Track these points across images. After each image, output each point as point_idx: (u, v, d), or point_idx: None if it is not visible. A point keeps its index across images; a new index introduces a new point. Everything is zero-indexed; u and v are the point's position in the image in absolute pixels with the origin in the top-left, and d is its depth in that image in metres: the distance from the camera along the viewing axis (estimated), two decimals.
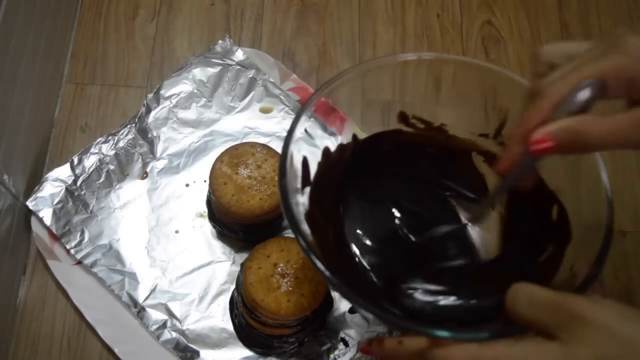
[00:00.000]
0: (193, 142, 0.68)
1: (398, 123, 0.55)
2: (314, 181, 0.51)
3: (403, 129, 0.56)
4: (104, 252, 0.62)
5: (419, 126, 0.55)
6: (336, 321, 0.61)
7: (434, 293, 0.49)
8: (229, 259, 0.63)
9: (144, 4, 0.77)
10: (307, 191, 0.50)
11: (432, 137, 0.55)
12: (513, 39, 0.78)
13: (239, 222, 0.60)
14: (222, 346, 0.59)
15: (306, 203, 0.49)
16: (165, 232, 0.64)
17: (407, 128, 0.55)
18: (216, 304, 0.61)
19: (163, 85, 0.70)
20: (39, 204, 0.63)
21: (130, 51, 0.74)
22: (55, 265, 0.62)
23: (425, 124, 0.55)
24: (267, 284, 0.53)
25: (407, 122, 0.55)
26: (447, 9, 0.79)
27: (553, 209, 0.48)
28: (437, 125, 0.55)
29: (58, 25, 0.71)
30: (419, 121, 0.55)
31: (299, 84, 0.72)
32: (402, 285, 0.49)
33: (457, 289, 0.49)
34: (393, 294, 0.49)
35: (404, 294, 0.49)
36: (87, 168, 0.65)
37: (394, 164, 0.56)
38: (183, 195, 0.66)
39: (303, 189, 0.50)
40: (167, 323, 0.60)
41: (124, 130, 0.68)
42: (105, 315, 0.60)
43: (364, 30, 0.77)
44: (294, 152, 0.48)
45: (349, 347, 0.60)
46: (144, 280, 0.61)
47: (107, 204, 0.64)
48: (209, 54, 0.72)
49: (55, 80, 0.71)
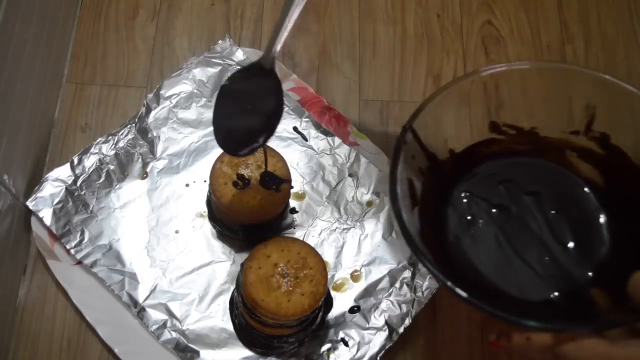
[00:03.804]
0: (193, 142, 0.68)
1: (490, 132, 0.57)
2: (420, 200, 0.53)
3: (496, 138, 0.58)
4: (104, 252, 0.62)
5: (511, 132, 0.57)
6: (336, 321, 0.61)
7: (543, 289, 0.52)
8: (229, 259, 0.63)
9: (144, 4, 0.77)
10: (416, 211, 0.52)
11: (525, 141, 0.57)
12: (513, 39, 0.78)
13: (239, 222, 0.61)
14: (222, 346, 0.59)
15: (417, 222, 0.51)
16: (165, 232, 0.64)
17: (500, 136, 0.57)
18: (216, 304, 0.61)
19: (163, 85, 0.70)
20: (39, 204, 0.63)
21: (130, 51, 0.74)
22: (55, 265, 0.62)
23: (516, 129, 0.57)
24: (267, 284, 0.53)
25: (499, 131, 0.57)
26: (447, 9, 0.79)
27: None
28: (529, 129, 0.57)
29: (58, 25, 0.71)
30: (510, 128, 0.57)
31: (299, 84, 0.72)
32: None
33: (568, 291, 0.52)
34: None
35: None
36: (87, 168, 0.65)
37: (493, 175, 0.58)
38: (183, 195, 0.66)
39: (413, 209, 0.52)
40: (167, 323, 0.60)
41: (124, 130, 0.68)
42: (105, 315, 0.60)
43: (364, 30, 0.77)
44: (400, 174, 0.50)
45: (348, 347, 0.60)
46: (144, 280, 0.61)
47: (107, 204, 0.64)
48: (209, 54, 0.72)
49: (55, 80, 0.71)
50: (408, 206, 0.51)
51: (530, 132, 0.57)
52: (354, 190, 0.67)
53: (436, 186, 0.55)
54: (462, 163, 0.58)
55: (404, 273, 0.63)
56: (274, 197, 0.58)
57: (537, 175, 0.58)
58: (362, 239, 0.65)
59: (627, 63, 0.76)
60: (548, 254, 0.54)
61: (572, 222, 0.55)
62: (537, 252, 0.54)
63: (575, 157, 0.57)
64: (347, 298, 0.62)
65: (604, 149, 0.55)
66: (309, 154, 0.68)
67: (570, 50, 0.77)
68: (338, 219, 0.66)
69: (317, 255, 0.55)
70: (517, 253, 0.54)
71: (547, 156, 0.58)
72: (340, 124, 0.70)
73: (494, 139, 0.58)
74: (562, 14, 0.79)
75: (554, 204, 0.56)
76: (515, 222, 0.55)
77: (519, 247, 0.54)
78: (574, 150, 0.57)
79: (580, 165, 0.57)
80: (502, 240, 0.55)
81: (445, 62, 0.76)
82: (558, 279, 0.53)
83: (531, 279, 0.53)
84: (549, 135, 0.57)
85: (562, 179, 0.57)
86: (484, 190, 0.57)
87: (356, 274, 0.63)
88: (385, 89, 0.74)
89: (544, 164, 0.58)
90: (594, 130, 0.55)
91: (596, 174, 0.56)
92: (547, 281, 0.53)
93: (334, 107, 0.71)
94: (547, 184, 0.57)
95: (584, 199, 0.56)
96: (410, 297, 0.61)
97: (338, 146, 0.69)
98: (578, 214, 0.56)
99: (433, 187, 0.55)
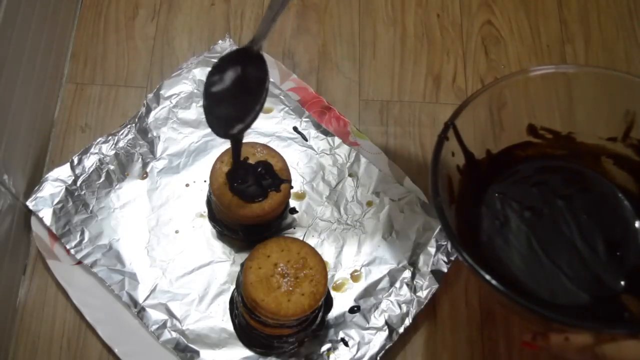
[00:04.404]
0: (193, 142, 0.68)
1: (527, 135, 0.58)
2: (457, 198, 0.53)
3: (532, 141, 0.58)
4: (104, 252, 0.62)
5: (548, 137, 0.58)
6: (336, 321, 0.61)
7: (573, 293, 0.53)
8: (229, 259, 0.63)
9: (144, 4, 0.77)
10: (453, 208, 0.53)
11: (561, 145, 0.58)
12: (513, 39, 0.78)
13: (239, 222, 0.60)
14: (222, 346, 0.59)
15: (454, 219, 0.52)
16: (165, 232, 0.64)
17: (537, 139, 0.58)
18: (216, 304, 0.61)
19: (163, 85, 0.70)
20: (39, 204, 0.63)
21: (130, 51, 0.74)
22: (55, 265, 0.62)
23: (553, 133, 0.57)
24: (267, 284, 0.53)
25: (535, 134, 0.58)
26: (447, 9, 0.79)
27: None
28: (565, 134, 0.57)
29: (58, 25, 0.71)
30: (547, 132, 0.57)
31: (299, 84, 0.72)
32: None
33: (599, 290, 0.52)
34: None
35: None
36: (87, 168, 0.65)
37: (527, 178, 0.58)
38: (183, 195, 0.66)
39: (450, 206, 0.52)
40: (167, 323, 0.60)
41: (124, 130, 0.68)
42: (105, 315, 0.60)
43: (364, 30, 0.77)
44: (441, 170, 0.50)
45: (349, 347, 0.60)
46: (144, 280, 0.61)
47: (107, 204, 0.64)
48: (209, 54, 0.72)
49: (55, 80, 0.71)
50: (447, 202, 0.51)
51: (566, 137, 0.57)
52: (354, 190, 0.67)
53: (472, 185, 0.56)
54: (498, 164, 0.58)
55: (404, 273, 0.63)
56: (275, 197, 0.58)
57: (571, 179, 0.58)
58: (362, 239, 0.65)
59: (627, 63, 0.76)
60: (579, 258, 0.54)
61: (605, 227, 0.55)
62: (568, 256, 0.54)
63: (610, 163, 0.57)
64: (347, 298, 0.62)
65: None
66: (309, 154, 0.68)
67: (570, 50, 0.77)
68: (338, 219, 0.66)
69: (317, 255, 0.55)
70: (549, 256, 0.54)
71: (582, 162, 0.58)
72: (340, 124, 0.70)
73: (531, 142, 0.58)
74: (562, 14, 0.79)
75: (586, 208, 0.56)
76: (548, 225, 0.56)
77: (550, 250, 0.55)
78: (610, 157, 0.57)
79: (616, 172, 0.57)
80: (534, 242, 0.55)
81: (445, 62, 0.76)
82: (589, 284, 0.53)
83: (562, 282, 0.53)
84: (585, 140, 0.57)
85: (596, 184, 0.58)
86: (518, 192, 0.57)
87: (356, 274, 0.63)
88: (385, 89, 0.74)
89: (578, 169, 0.58)
90: (632, 137, 0.55)
91: (631, 181, 0.56)
92: (578, 285, 0.53)
93: (334, 107, 0.71)
94: (581, 188, 0.57)
95: (617, 206, 0.56)
96: (410, 297, 0.61)
97: (338, 146, 0.69)
98: (611, 220, 0.56)
99: (469, 186, 0.55)
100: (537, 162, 0.59)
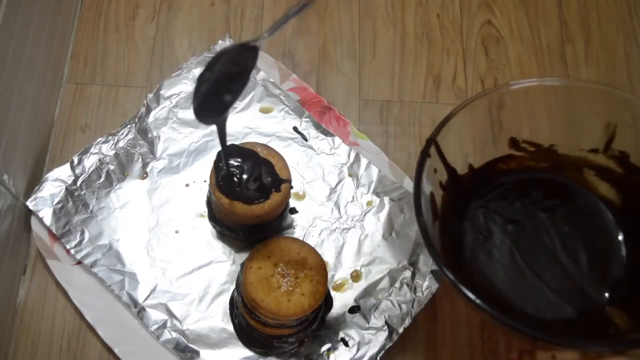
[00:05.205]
0: (193, 142, 0.68)
1: (509, 148, 0.58)
2: (441, 214, 0.53)
3: (515, 154, 0.58)
4: (104, 252, 0.62)
5: (530, 149, 0.58)
6: (336, 321, 0.61)
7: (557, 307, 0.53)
8: (229, 259, 0.63)
9: (144, 4, 0.77)
10: (436, 225, 0.53)
11: (544, 158, 0.58)
12: (513, 39, 0.78)
13: (239, 222, 0.60)
14: (222, 346, 0.59)
15: (437, 236, 0.51)
16: (165, 232, 0.64)
17: (519, 152, 0.58)
18: (216, 304, 0.61)
19: (163, 85, 0.70)
20: (39, 204, 0.63)
21: (130, 51, 0.74)
22: (55, 265, 0.62)
23: (535, 146, 0.58)
24: (267, 284, 0.53)
25: (517, 147, 0.58)
26: (447, 9, 0.79)
27: None
28: (547, 146, 0.57)
29: (58, 25, 0.71)
30: (529, 144, 0.58)
31: (299, 84, 0.72)
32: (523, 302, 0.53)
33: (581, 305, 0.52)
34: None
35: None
36: (87, 168, 0.65)
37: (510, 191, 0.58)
38: (183, 195, 0.66)
39: (434, 223, 0.52)
40: (167, 323, 0.60)
41: (124, 130, 0.67)
42: (105, 315, 0.60)
43: (364, 29, 0.77)
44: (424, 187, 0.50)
45: (348, 347, 0.60)
46: (144, 280, 0.61)
47: (107, 204, 0.64)
48: (209, 54, 0.72)
49: (55, 80, 0.71)
50: (430, 220, 0.51)
51: (548, 150, 0.57)
52: (354, 190, 0.67)
53: (455, 201, 0.56)
54: (481, 178, 0.58)
55: (404, 273, 0.63)
56: (275, 197, 0.58)
57: (554, 192, 0.58)
58: (362, 239, 0.65)
59: (627, 63, 0.76)
60: (562, 271, 0.54)
61: (588, 239, 0.55)
62: (552, 269, 0.54)
63: (593, 175, 0.57)
64: (347, 298, 0.62)
65: (623, 168, 0.55)
66: (309, 154, 0.68)
67: (570, 50, 0.77)
68: (338, 219, 0.66)
69: (317, 255, 0.55)
70: (532, 269, 0.54)
71: (564, 174, 0.58)
72: (340, 124, 0.70)
73: (513, 155, 0.58)
74: (562, 14, 0.79)
75: (569, 220, 0.56)
76: (530, 238, 0.56)
77: (533, 263, 0.55)
78: (592, 168, 0.57)
79: (598, 183, 0.57)
80: (517, 256, 0.55)
81: (445, 62, 0.76)
82: (573, 297, 0.53)
83: (546, 296, 0.53)
84: (567, 152, 0.57)
85: (578, 196, 0.58)
86: (501, 205, 0.57)
87: (356, 274, 0.63)
88: (385, 89, 0.74)
89: (561, 181, 0.58)
90: (613, 148, 0.55)
91: (614, 192, 0.56)
92: (562, 298, 0.53)
93: (334, 107, 0.71)
94: (564, 201, 0.57)
95: (600, 217, 0.57)
96: (410, 297, 0.61)
97: (338, 146, 0.69)
98: (594, 231, 0.56)
99: (452, 202, 0.55)
100: (520, 175, 0.59)
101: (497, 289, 0.54)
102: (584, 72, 0.76)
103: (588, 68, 0.76)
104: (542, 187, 0.58)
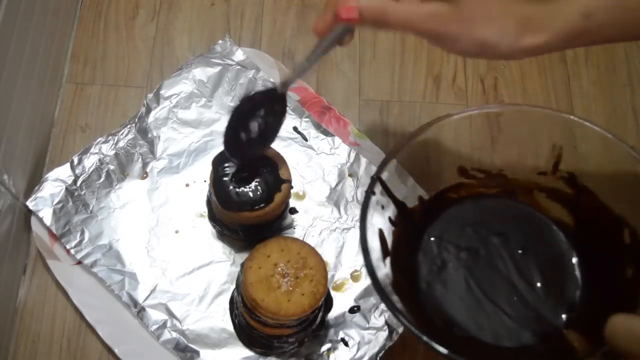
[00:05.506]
0: (193, 142, 0.68)
1: (459, 177, 0.58)
2: (392, 250, 0.52)
3: (464, 182, 0.58)
4: (104, 252, 0.62)
5: (479, 176, 0.57)
6: (336, 321, 0.61)
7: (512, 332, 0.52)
8: (229, 259, 0.63)
9: (144, 4, 0.77)
10: (387, 262, 0.52)
11: (494, 184, 0.57)
12: None
13: (239, 222, 0.60)
14: (222, 346, 0.59)
15: (389, 273, 0.50)
16: (165, 232, 0.64)
17: (469, 180, 0.58)
18: (216, 304, 0.61)
19: (163, 85, 0.70)
20: (39, 204, 0.63)
21: (130, 51, 0.74)
22: (55, 265, 0.62)
23: (484, 173, 0.57)
24: (267, 284, 0.53)
25: (467, 175, 0.58)
26: None
27: (624, 233, 0.50)
28: (497, 172, 0.57)
29: (58, 25, 0.71)
30: (478, 172, 0.57)
31: (299, 84, 0.72)
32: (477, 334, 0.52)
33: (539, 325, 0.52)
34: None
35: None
36: (87, 168, 0.65)
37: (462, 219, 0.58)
38: (183, 195, 0.66)
39: (384, 259, 0.51)
40: (167, 323, 0.60)
41: (124, 130, 0.68)
42: (105, 315, 0.60)
43: (364, 30, 0.77)
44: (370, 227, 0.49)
45: (349, 347, 0.60)
46: (144, 280, 0.61)
47: (107, 204, 0.64)
48: (209, 54, 0.72)
49: (55, 80, 0.71)
50: (380, 258, 0.50)
51: (498, 175, 0.57)
52: (354, 190, 0.67)
53: (407, 234, 0.55)
54: (432, 209, 0.57)
55: None
56: (274, 197, 0.58)
57: (506, 216, 0.57)
58: None
59: (627, 63, 0.76)
60: (518, 296, 0.53)
61: (541, 262, 0.55)
62: (507, 295, 0.53)
63: (544, 197, 0.57)
64: (347, 298, 0.62)
65: (573, 189, 0.55)
66: (309, 154, 0.68)
67: (570, 50, 0.77)
68: (338, 219, 0.66)
69: (317, 255, 0.55)
70: (488, 296, 0.53)
71: (516, 197, 0.58)
72: (340, 124, 0.70)
73: (463, 183, 0.58)
74: None
75: (522, 244, 0.55)
76: (484, 264, 0.55)
77: (489, 290, 0.54)
78: (542, 190, 0.57)
79: (549, 205, 0.57)
80: (472, 283, 0.54)
81: (445, 62, 0.76)
82: (531, 322, 0.52)
83: (504, 323, 0.52)
84: (517, 177, 0.57)
85: (531, 219, 0.57)
86: (453, 234, 0.57)
87: (356, 274, 0.63)
88: (385, 89, 0.74)
89: (513, 205, 0.58)
90: (561, 169, 0.55)
91: (565, 213, 0.56)
92: (520, 324, 0.52)
93: (334, 107, 0.71)
94: (516, 224, 0.57)
95: (553, 239, 0.56)
96: None
97: (338, 146, 0.69)
98: (547, 253, 0.55)
99: (404, 236, 0.54)
100: (471, 202, 0.58)
101: (455, 320, 0.53)
102: (584, 72, 0.76)
103: (588, 68, 0.76)
104: (495, 212, 0.57)
